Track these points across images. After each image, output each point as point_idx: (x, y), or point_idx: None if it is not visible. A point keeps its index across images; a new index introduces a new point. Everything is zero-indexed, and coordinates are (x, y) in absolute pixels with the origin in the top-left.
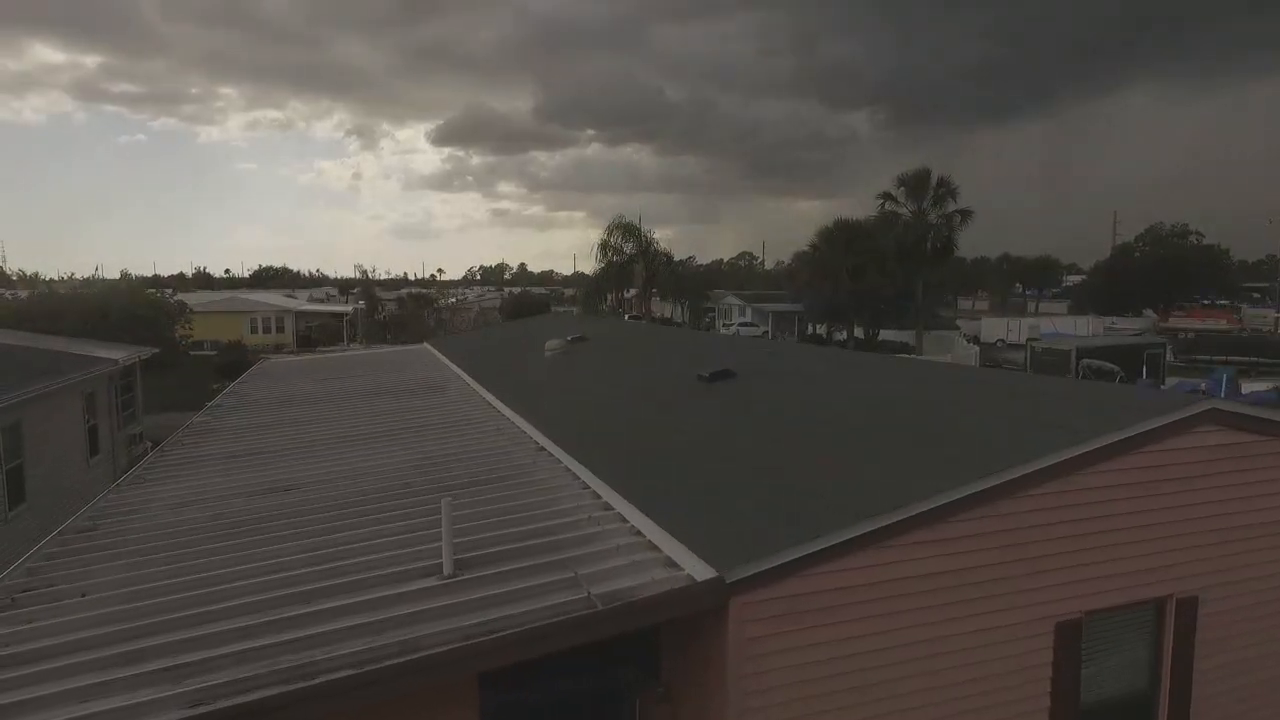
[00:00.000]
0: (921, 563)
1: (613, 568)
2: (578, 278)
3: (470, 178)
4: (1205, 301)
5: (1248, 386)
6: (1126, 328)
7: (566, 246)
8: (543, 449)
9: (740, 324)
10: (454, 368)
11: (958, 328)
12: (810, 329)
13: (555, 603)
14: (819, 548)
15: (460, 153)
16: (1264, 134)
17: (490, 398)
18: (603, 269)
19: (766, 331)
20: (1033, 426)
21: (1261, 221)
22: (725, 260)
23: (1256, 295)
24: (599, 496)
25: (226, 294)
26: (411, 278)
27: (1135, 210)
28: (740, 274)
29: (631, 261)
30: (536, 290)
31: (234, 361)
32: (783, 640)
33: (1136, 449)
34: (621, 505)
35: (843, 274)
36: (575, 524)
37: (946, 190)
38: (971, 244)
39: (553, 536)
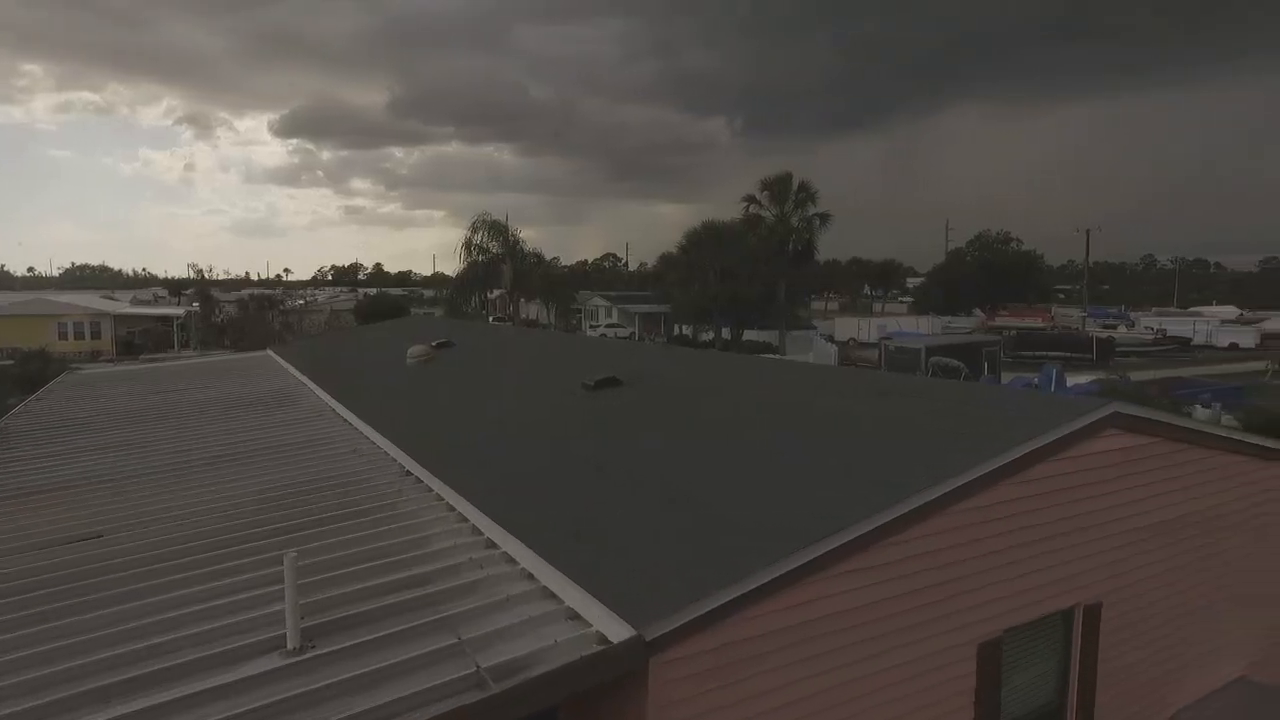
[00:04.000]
0: (854, 594)
1: (504, 627)
2: (438, 278)
3: (320, 173)
4: (1022, 304)
5: (1071, 380)
6: (961, 326)
7: (426, 246)
8: (409, 473)
9: (607, 325)
10: (301, 378)
11: (815, 327)
12: (677, 330)
13: (435, 684)
14: (751, 587)
15: (309, 146)
16: (1070, 151)
17: (345, 412)
18: (467, 269)
19: (634, 333)
20: (949, 435)
21: (1068, 229)
22: (590, 261)
23: (1062, 296)
24: (480, 532)
25: (29, 295)
26: (255, 278)
27: (966, 218)
28: (605, 275)
29: (498, 261)
30: (394, 291)
31: (36, 372)
32: (712, 698)
33: (1053, 456)
34: (509, 543)
35: (710, 276)
36: (455, 569)
37: (807, 194)
38: (824, 247)
39: (427, 587)
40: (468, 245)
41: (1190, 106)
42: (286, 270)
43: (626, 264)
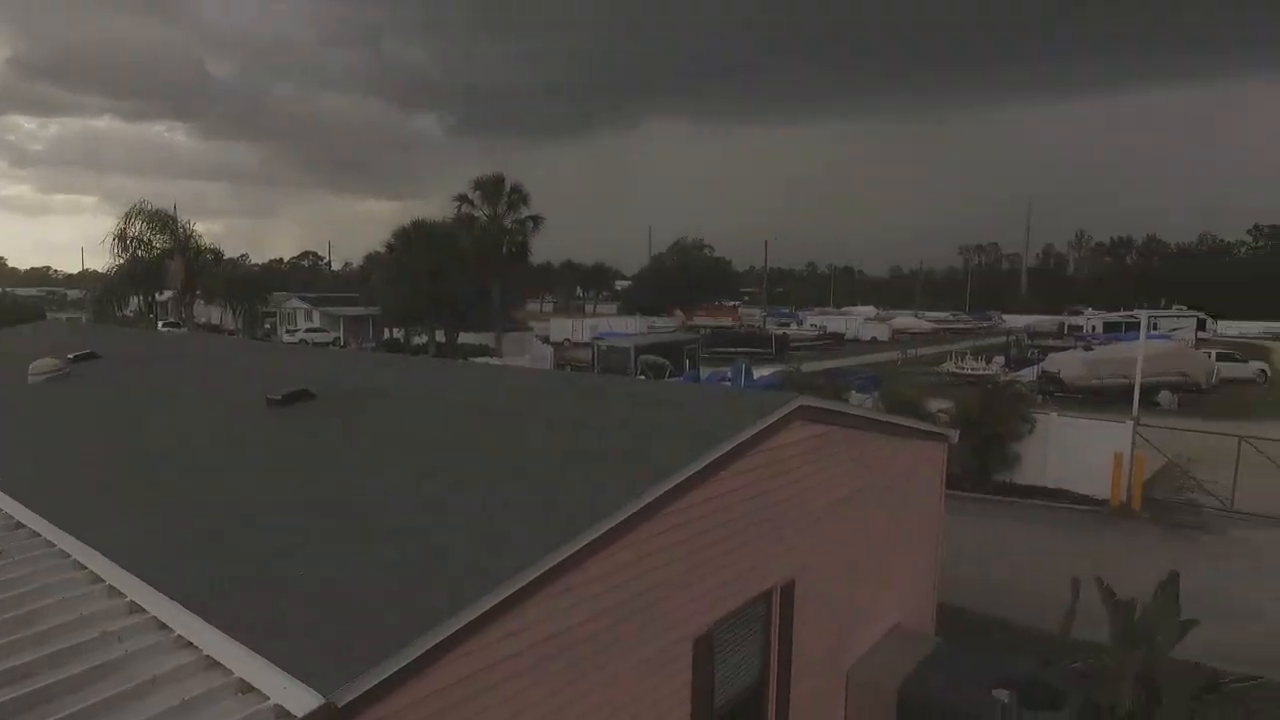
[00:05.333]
0: (571, 611)
1: (151, 717)
2: (90, 276)
3: None
4: (714, 305)
5: (757, 372)
6: (664, 326)
7: (72, 238)
8: (21, 526)
9: (307, 330)
10: None
11: (530, 329)
12: (388, 334)
13: None
14: (464, 623)
15: None
16: (753, 169)
17: None
18: (124, 266)
19: (338, 338)
20: (661, 434)
21: (751, 238)
22: (286, 260)
23: (746, 298)
24: (120, 594)
25: None
26: None
27: (667, 224)
28: (304, 275)
29: (164, 257)
30: (26, 292)
31: None
32: None
33: (750, 451)
34: (159, 605)
35: (421, 276)
36: (78, 650)
37: (519, 196)
38: (538, 250)
39: (38, 680)
40: (122, 238)
41: (842, 135)
42: None
43: (329, 263)
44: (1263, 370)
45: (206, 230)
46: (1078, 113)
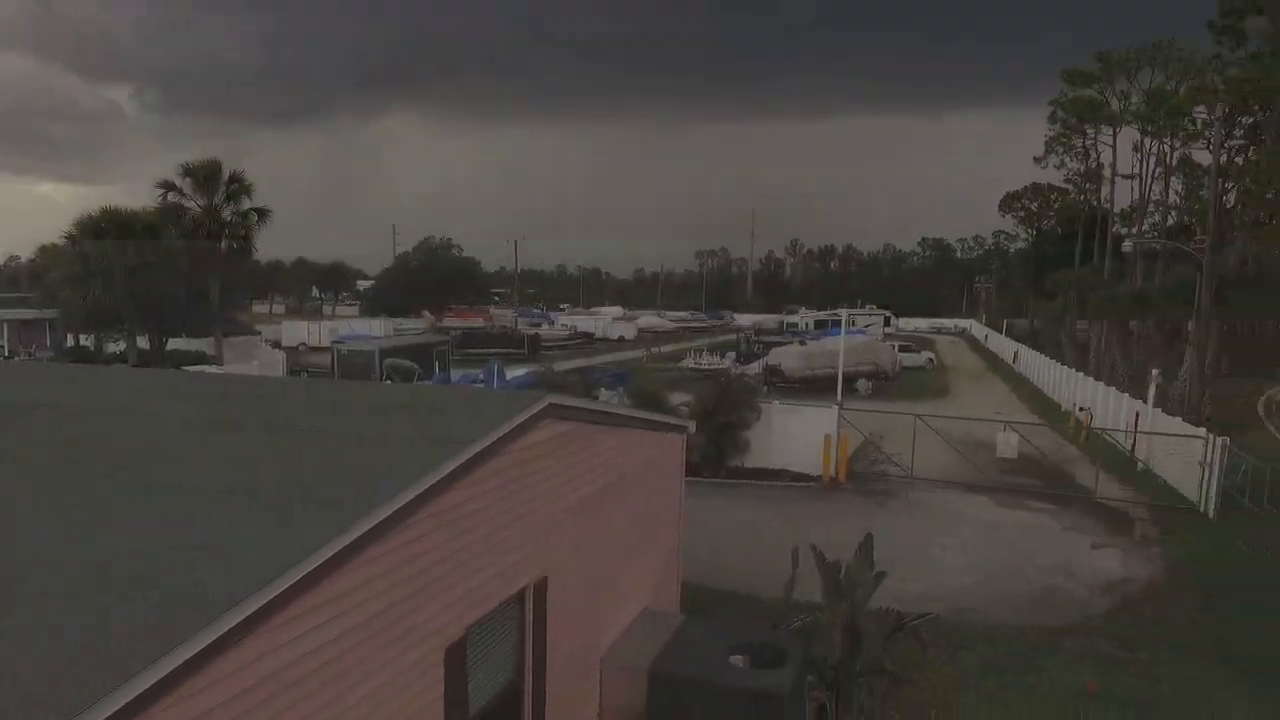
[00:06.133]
0: (306, 637)
1: None
2: None
3: None
4: (464, 306)
5: (510, 373)
6: (412, 327)
7: None
8: None
9: None
10: None
11: (258, 333)
12: (74, 340)
13: None
14: (178, 662)
15: None
16: (502, 169)
17: None
18: None
19: (2, 346)
20: (404, 440)
21: (499, 239)
22: None
23: (497, 298)
24: None
25: None
26: None
27: (412, 223)
28: None
29: None
30: None
31: None
32: None
33: (499, 452)
34: None
35: (115, 273)
36: None
37: (240, 186)
38: (265, 246)
39: None
40: None
41: (589, 140)
42: None
43: None
44: (930, 359)
45: None
46: (794, 133)
